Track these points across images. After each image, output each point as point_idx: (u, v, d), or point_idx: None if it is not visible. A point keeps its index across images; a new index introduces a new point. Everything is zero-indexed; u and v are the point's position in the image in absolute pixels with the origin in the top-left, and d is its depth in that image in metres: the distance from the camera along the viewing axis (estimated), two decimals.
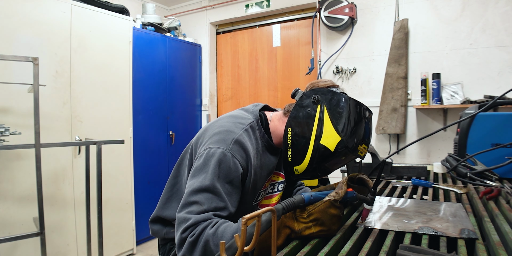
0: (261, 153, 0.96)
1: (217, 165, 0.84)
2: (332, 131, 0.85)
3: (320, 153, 0.86)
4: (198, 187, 0.82)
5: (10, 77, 1.87)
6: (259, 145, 0.96)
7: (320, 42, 3.13)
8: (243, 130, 0.92)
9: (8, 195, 1.88)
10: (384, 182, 1.26)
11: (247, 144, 0.90)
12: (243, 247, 0.51)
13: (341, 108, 0.87)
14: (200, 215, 0.80)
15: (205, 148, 0.88)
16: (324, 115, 0.87)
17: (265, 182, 1.00)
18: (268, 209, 0.54)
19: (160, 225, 1.05)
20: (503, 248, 0.59)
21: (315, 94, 0.90)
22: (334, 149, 0.85)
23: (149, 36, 2.96)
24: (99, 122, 2.38)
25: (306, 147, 0.88)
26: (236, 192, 0.87)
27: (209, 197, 0.82)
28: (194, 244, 0.78)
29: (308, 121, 0.89)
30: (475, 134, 1.32)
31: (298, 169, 0.91)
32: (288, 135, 0.91)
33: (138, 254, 2.69)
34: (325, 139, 0.86)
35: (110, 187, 2.43)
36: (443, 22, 2.57)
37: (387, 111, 2.71)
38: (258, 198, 1.00)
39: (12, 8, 1.89)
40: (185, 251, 0.79)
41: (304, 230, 0.70)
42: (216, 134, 0.90)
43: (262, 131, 0.98)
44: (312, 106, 0.89)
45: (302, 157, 0.89)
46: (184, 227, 0.79)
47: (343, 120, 0.85)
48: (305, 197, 0.71)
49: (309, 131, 0.88)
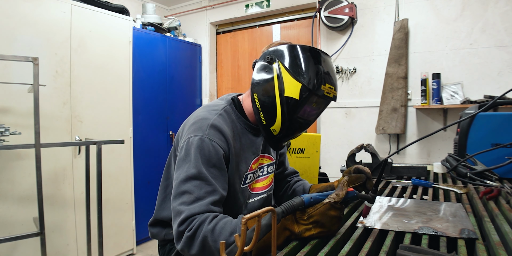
0: (241, 135, 0.99)
1: (197, 152, 0.86)
2: (292, 80, 0.88)
3: (288, 105, 0.89)
4: (185, 176, 0.84)
5: (10, 77, 1.87)
6: (237, 127, 0.99)
7: (320, 42, 3.13)
8: (217, 115, 0.94)
9: (8, 195, 1.88)
10: (384, 182, 1.26)
11: (223, 127, 0.92)
12: (243, 247, 0.51)
13: (293, 57, 0.89)
14: (193, 205, 0.81)
15: (184, 139, 0.91)
16: (281, 70, 0.89)
17: (250, 164, 1.01)
18: (268, 209, 0.54)
19: (159, 227, 1.05)
20: (503, 248, 0.59)
21: (267, 55, 0.93)
22: (299, 96, 0.87)
23: (149, 36, 2.96)
24: (99, 122, 2.38)
25: (274, 104, 0.90)
26: (223, 174, 0.89)
27: (197, 184, 0.84)
28: (192, 239, 0.79)
29: (268, 80, 0.91)
30: (475, 134, 1.32)
31: (275, 128, 0.93)
32: (256, 100, 0.93)
33: (138, 254, 2.69)
34: (288, 90, 0.88)
35: (110, 187, 2.42)
36: (443, 22, 2.57)
37: (387, 111, 2.71)
38: (246, 181, 1.00)
39: (12, 8, 1.89)
40: (183, 245, 0.80)
41: (304, 232, 0.70)
42: (192, 124, 0.93)
43: (237, 113, 1.01)
44: (269, 66, 0.92)
45: (273, 115, 0.91)
46: (180, 220, 0.80)
47: (298, 67, 0.88)
48: (305, 200, 0.71)
49: (272, 89, 0.90)
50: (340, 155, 3.00)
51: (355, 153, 1.28)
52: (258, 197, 1.06)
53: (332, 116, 3.09)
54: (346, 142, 3.01)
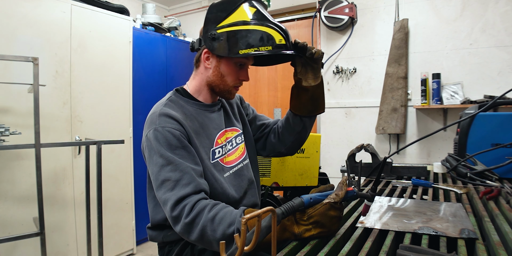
0: (196, 115, 1.02)
1: (156, 142, 0.90)
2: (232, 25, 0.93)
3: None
4: (157, 168, 0.88)
5: (10, 77, 1.87)
6: (189, 110, 1.02)
7: (320, 42, 3.13)
8: (163, 105, 0.99)
9: (8, 195, 1.88)
10: (384, 182, 1.26)
11: (171, 112, 0.95)
12: (243, 247, 0.51)
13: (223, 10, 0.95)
14: (176, 189, 0.84)
15: (143, 138, 0.97)
16: (228, 29, 0.93)
17: (215, 139, 1.03)
18: (268, 209, 0.54)
19: (157, 230, 1.05)
20: (503, 248, 0.59)
21: (209, 33, 0.96)
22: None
23: (149, 36, 2.96)
24: (99, 122, 2.38)
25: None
26: (189, 152, 0.92)
27: (171, 169, 0.87)
28: (191, 226, 0.81)
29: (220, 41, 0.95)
30: (475, 134, 1.32)
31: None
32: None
33: (138, 254, 2.69)
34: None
35: (110, 187, 2.42)
36: (443, 22, 2.57)
37: (387, 111, 2.71)
38: (215, 156, 1.02)
39: (12, 8, 1.89)
40: (182, 231, 0.83)
41: (304, 233, 0.70)
42: (146, 123, 0.98)
43: (184, 98, 1.04)
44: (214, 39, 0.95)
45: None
46: (170, 206, 0.83)
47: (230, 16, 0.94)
48: (305, 200, 0.71)
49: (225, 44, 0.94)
50: (340, 155, 3.00)
51: (355, 153, 1.28)
52: (233, 170, 1.07)
53: (332, 116, 3.09)
54: (346, 142, 3.01)
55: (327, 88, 3.11)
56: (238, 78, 1.02)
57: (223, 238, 0.77)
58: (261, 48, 0.91)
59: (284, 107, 3.52)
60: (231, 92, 1.03)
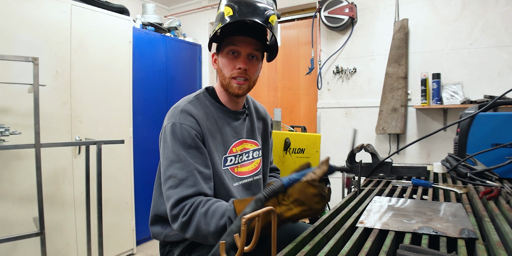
0: (217, 118, 1.03)
1: (172, 136, 0.93)
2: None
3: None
4: (167, 162, 0.91)
5: (10, 77, 1.87)
6: (212, 111, 1.03)
7: (320, 42, 3.13)
8: (188, 102, 1.01)
9: (8, 195, 1.88)
10: (384, 182, 1.26)
11: (192, 110, 0.97)
12: (243, 247, 0.51)
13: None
14: (179, 188, 0.87)
15: (162, 128, 0.99)
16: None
17: (230, 147, 1.04)
18: (268, 209, 0.54)
19: (159, 226, 1.06)
20: (503, 248, 0.59)
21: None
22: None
23: (149, 36, 2.96)
24: (99, 122, 2.38)
25: None
26: (202, 153, 0.94)
27: (179, 167, 0.89)
28: (188, 224, 0.85)
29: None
30: (475, 134, 1.32)
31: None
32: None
33: (138, 254, 2.69)
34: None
35: (110, 187, 2.42)
36: (443, 22, 2.57)
37: (387, 111, 2.72)
38: (226, 163, 1.03)
39: (12, 8, 1.89)
40: (179, 229, 0.86)
41: (285, 212, 0.72)
42: (167, 114, 1.00)
43: (211, 100, 1.06)
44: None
45: None
46: (171, 204, 0.86)
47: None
48: (284, 182, 0.73)
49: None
50: (340, 155, 3.00)
51: (355, 153, 1.28)
52: (243, 181, 1.07)
53: (332, 116, 3.09)
54: (346, 142, 3.01)
55: (327, 88, 3.12)
56: (234, 67, 1.00)
57: (216, 230, 0.81)
58: (217, 27, 0.97)
59: (284, 107, 3.52)
60: (232, 85, 1.01)
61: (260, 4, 0.96)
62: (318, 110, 3.16)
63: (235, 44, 0.99)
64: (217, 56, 1.04)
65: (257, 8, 0.95)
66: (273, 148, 1.79)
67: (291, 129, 2.15)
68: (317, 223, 0.81)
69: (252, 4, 0.95)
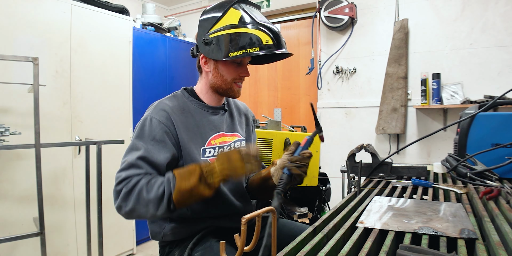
0: (194, 113, 1.07)
1: (140, 129, 0.98)
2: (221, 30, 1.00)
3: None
4: (127, 150, 0.96)
5: (10, 77, 1.87)
6: (189, 107, 1.07)
7: (320, 42, 3.13)
8: (165, 98, 1.08)
9: (8, 195, 1.88)
10: (384, 182, 1.26)
11: (166, 106, 1.03)
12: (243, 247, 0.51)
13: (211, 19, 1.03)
14: (128, 170, 0.91)
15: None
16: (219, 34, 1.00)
17: (208, 140, 1.07)
18: (268, 209, 0.54)
19: (157, 226, 1.06)
20: (503, 248, 0.59)
21: (202, 38, 1.03)
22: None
23: (149, 36, 2.96)
24: (99, 122, 2.38)
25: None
26: (164, 146, 0.97)
27: (134, 154, 0.94)
28: (129, 194, 0.88)
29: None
30: (475, 134, 1.32)
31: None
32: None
33: (138, 254, 2.69)
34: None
35: (110, 187, 2.39)
36: (443, 22, 2.57)
37: (387, 111, 2.72)
38: (205, 154, 1.06)
39: (12, 8, 1.89)
40: (121, 200, 0.88)
41: (208, 170, 0.88)
42: (147, 108, 1.07)
43: (189, 96, 1.10)
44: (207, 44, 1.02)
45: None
46: (117, 182, 0.90)
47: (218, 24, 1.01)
48: (285, 171, 0.89)
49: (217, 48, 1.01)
50: (340, 155, 3.00)
51: (355, 153, 1.29)
52: None
53: (332, 116, 3.09)
54: (346, 142, 3.01)
55: (327, 88, 3.12)
56: (238, 75, 1.06)
57: (157, 196, 0.87)
58: (249, 49, 0.96)
59: (284, 107, 3.52)
60: (233, 89, 1.07)
61: (277, 28, 1.03)
62: (318, 110, 3.16)
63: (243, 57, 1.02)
64: (214, 61, 1.05)
65: (281, 37, 1.02)
66: (273, 148, 1.79)
67: (291, 129, 2.15)
68: (317, 223, 0.81)
69: (279, 34, 1.01)
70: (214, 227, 1.05)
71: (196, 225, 1.04)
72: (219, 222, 1.06)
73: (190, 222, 1.04)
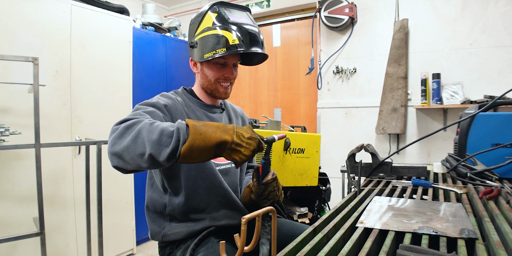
0: (195, 109, 1.10)
1: (144, 102, 0.97)
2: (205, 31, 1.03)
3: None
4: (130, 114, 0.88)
5: (10, 77, 1.87)
6: (190, 104, 1.10)
7: (320, 42, 3.13)
8: (168, 92, 1.11)
9: (8, 195, 1.88)
10: (384, 182, 1.26)
11: (172, 96, 1.06)
12: (243, 247, 0.51)
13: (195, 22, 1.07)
14: (130, 116, 0.85)
15: None
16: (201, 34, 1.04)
17: None
18: (268, 209, 0.54)
19: (156, 225, 1.07)
20: (503, 248, 0.59)
21: (189, 42, 1.09)
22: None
23: (149, 36, 2.96)
24: (99, 122, 2.38)
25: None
26: (163, 116, 0.95)
27: (133, 113, 0.88)
28: (129, 128, 0.78)
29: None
30: (475, 134, 1.32)
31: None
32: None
33: (138, 254, 2.69)
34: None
35: (110, 187, 2.42)
36: (443, 22, 2.57)
37: (387, 111, 2.72)
38: None
39: (12, 8, 1.89)
40: (116, 135, 0.78)
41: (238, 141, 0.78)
42: None
43: (188, 95, 1.14)
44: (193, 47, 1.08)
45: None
46: (118, 122, 0.82)
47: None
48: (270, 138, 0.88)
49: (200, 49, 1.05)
50: (340, 155, 3.00)
51: (355, 153, 1.29)
52: (221, 167, 1.11)
53: (332, 116, 3.09)
54: (346, 142, 3.01)
55: (327, 88, 3.12)
56: (222, 75, 1.09)
57: (159, 138, 0.74)
58: (218, 50, 1.00)
59: (284, 107, 3.52)
60: (219, 90, 1.11)
61: (254, 28, 1.03)
62: (318, 110, 3.16)
63: (223, 57, 1.05)
64: (199, 62, 1.09)
65: (256, 36, 1.02)
66: (273, 148, 1.79)
67: (291, 129, 2.15)
68: (317, 223, 0.81)
69: (251, 34, 1.01)
70: (214, 227, 1.05)
71: (196, 225, 1.04)
72: (219, 221, 1.06)
73: (190, 222, 1.04)
